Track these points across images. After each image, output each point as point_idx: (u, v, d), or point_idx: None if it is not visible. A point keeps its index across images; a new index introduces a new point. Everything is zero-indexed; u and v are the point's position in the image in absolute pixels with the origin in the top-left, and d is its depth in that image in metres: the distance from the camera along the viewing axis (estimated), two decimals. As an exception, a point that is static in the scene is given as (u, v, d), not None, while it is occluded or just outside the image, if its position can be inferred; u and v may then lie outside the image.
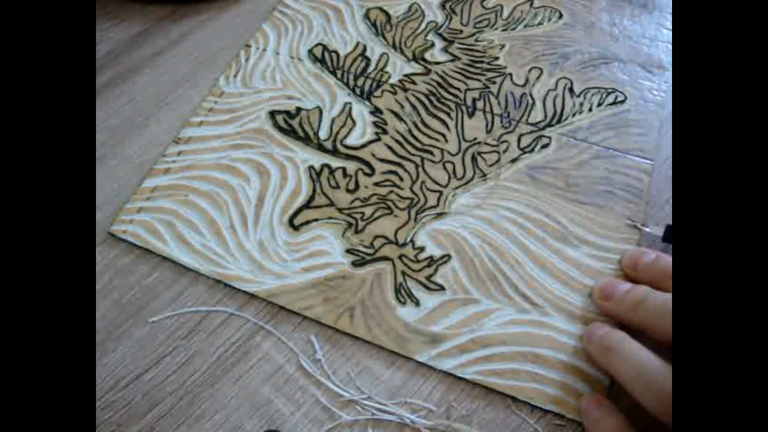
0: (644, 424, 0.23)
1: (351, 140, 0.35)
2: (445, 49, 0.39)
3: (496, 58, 0.39)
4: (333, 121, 0.36)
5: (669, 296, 0.25)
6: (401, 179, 0.33)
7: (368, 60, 0.39)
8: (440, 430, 0.26)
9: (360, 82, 0.37)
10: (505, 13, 0.42)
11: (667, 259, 0.28)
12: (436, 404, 0.27)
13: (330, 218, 0.32)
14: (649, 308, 0.25)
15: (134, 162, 0.34)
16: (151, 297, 0.30)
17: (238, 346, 0.28)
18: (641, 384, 0.23)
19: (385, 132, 0.35)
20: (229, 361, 0.28)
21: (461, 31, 0.40)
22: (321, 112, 0.36)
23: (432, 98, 0.37)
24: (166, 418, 0.26)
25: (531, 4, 0.42)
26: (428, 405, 0.27)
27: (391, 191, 0.33)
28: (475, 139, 0.35)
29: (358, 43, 0.40)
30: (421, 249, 0.31)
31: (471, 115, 0.36)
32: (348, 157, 0.34)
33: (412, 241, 0.31)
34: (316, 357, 0.28)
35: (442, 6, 0.42)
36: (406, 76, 0.38)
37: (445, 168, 0.34)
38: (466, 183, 0.33)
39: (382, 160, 0.34)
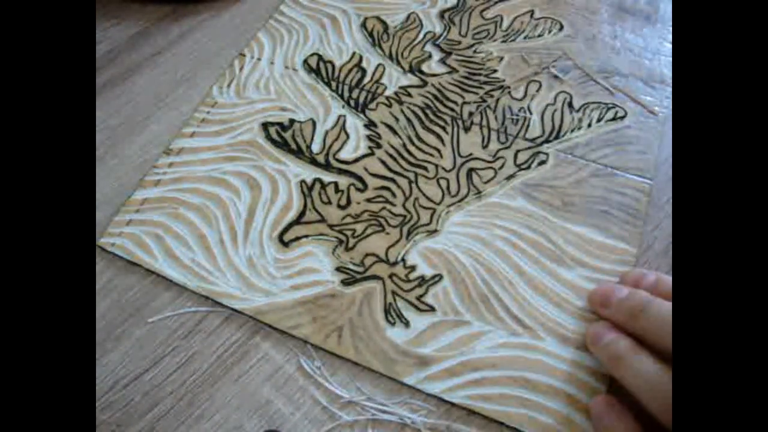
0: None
1: (344, 154, 0.34)
2: (442, 61, 0.39)
3: (495, 71, 0.38)
4: (326, 134, 0.35)
5: (669, 307, 0.24)
6: (394, 195, 0.33)
7: (364, 71, 0.38)
8: (440, 430, 0.26)
9: (355, 94, 0.37)
10: (505, 24, 0.41)
11: (669, 281, 0.27)
12: (436, 404, 0.27)
13: (321, 234, 0.31)
14: (650, 319, 0.24)
15: (134, 162, 0.34)
16: (150, 297, 0.29)
17: (238, 346, 0.28)
18: (652, 395, 0.22)
19: (378, 146, 0.35)
20: (229, 361, 0.28)
21: (459, 42, 0.40)
22: (314, 124, 0.35)
23: (428, 111, 0.36)
24: (166, 418, 0.26)
25: (531, 15, 0.42)
26: (428, 405, 0.27)
27: (384, 208, 0.32)
28: (471, 154, 0.34)
29: (354, 53, 0.39)
30: (413, 268, 0.30)
31: (467, 129, 0.35)
32: (341, 171, 0.33)
33: (403, 259, 0.30)
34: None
35: (441, 16, 0.41)
36: (402, 88, 0.37)
37: (439, 184, 0.33)
38: (461, 200, 0.33)
39: (375, 176, 0.33)
